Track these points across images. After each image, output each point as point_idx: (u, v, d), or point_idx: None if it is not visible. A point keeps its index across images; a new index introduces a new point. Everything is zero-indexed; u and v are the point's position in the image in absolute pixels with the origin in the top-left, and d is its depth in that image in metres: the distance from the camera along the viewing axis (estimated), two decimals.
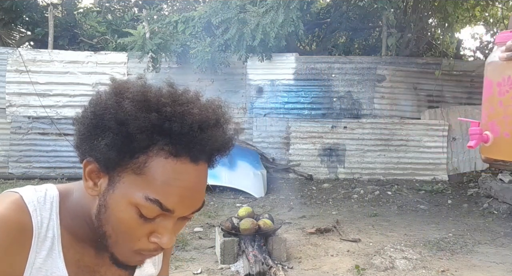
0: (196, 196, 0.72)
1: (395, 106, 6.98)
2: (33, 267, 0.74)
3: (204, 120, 0.70)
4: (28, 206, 0.74)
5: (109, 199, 0.71)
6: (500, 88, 1.00)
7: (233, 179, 5.84)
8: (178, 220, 0.73)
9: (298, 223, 4.65)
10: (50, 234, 0.76)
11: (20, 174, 6.73)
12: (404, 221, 4.82)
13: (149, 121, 0.67)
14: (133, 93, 0.70)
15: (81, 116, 0.73)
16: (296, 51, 7.36)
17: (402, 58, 7.14)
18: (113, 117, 0.68)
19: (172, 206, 0.69)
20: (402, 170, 6.95)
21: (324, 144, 7.02)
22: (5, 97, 6.78)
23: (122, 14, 9.14)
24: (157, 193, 0.68)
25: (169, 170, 0.68)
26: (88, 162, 0.72)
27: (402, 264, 3.44)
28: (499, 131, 1.01)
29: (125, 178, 0.70)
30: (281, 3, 5.56)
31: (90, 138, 0.71)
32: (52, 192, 0.78)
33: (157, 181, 0.68)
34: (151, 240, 0.71)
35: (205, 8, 6.29)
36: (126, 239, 0.72)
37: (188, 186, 0.70)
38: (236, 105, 7.03)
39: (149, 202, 0.68)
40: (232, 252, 3.39)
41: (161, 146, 0.68)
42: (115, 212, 0.71)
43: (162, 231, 0.71)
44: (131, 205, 0.69)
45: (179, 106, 0.70)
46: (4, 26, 8.11)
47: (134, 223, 0.70)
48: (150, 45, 6.23)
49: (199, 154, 0.70)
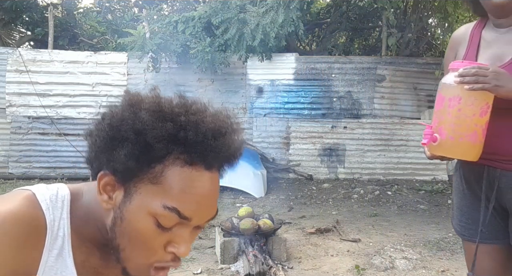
0: (211, 203, 0.73)
1: (395, 106, 6.98)
2: (46, 265, 0.75)
3: (217, 128, 0.73)
4: (41, 204, 0.75)
5: (126, 211, 0.72)
6: (450, 103, 1.38)
7: (233, 179, 5.83)
8: (193, 229, 0.74)
9: (298, 223, 4.65)
10: (61, 233, 0.76)
11: (20, 174, 6.73)
12: (404, 221, 4.83)
13: (165, 130, 0.69)
14: (149, 104, 0.72)
15: (95, 129, 0.74)
16: (296, 51, 7.36)
17: (402, 58, 7.14)
18: (131, 128, 0.69)
19: (189, 214, 0.70)
20: (402, 170, 6.96)
21: (324, 144, 7.02)
22: (5, 97, 6.77)
23: (122, 14, 9.13)
24: (175, 201, 0.69)
25: (185, 178, 0.70)
26: (104, 175, 0.73)
27: (402, 264, 3.44)
28: (446, 135, 1.38)
29: (142, 189, 0.71)
30: (281, 3, 5.56)
31: (107, 150, 0.72)
32: (63, 191, 0.79)
33: (174, 190, 0.70)
34: (168, 250, 0.71)
35: (205, 8, 6.29)
36: (143, 251, 0.71)
37: (204, 193, 0.72)
38: (236, 105, 7.03)
39: (167, 211, 0.69)
40: (232, 252, 3.39)
41: (176, 155, 0.70)
42: (133, 223, 0.71)
43: (179, 240, 0.71)
44: (149, 215, 0.70)
45: (192, 116, 0.72)
46: (4, 26, 8.11)
47: (152, 234, 0.70)
48: (150, 45, 6.23)
49: (213, 162, 0.72)
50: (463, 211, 1.61)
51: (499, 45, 1.50)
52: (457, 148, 1.38)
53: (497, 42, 1.51)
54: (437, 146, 1.39)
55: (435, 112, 1.44)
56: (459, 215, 1.62)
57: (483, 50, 1.54)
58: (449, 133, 1.37)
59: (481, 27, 1.60)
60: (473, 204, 1.57)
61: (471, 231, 1.57)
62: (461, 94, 1.36)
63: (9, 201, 0.72)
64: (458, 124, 1.37)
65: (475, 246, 1.54)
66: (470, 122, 1.36)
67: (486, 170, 1.48)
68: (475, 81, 1.33)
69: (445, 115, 1.39)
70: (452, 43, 1.69)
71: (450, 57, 1.66)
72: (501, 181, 1.46)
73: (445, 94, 1.40)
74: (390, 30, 7.03)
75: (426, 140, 1.39)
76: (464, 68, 1.35)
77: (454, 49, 1.66)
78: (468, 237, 1.59)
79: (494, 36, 1.53)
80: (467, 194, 1.59)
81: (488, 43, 1.54)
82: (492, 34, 1.54)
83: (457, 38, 1.68)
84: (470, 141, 1.37)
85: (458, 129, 1.37)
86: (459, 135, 1.37)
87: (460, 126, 1.37)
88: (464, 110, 1.36)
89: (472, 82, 1.33)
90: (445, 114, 1.39)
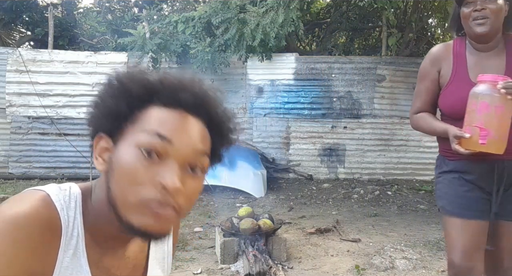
0: (191, 133, 0.77)
1: (395, 106, 6.98)
2: (62, 266, 0.76)
3: (192, 80, 0.82)
4: (56, 204, 0.76)
5: (114, 158, 0.76)
6: (496, 109, 1.69)
7: (233, 179, 5.84)
8: (187, 173, 0.76)
9: (298, 223, 4.65)
10: (75, 233, 0.77)
11: (20, 174, 6.73)
12: (404, 221, 4.83)
13: (146, 80, 0.79)
14: (129, 68, 0.83)
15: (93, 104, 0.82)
16: (296, 51, 7.36)
17: (402, 58, 7.14)
18: (115, 79, 0.79)
19: (168, 133, 0.74)
20: (402, 170, 6.96)
21: (324, 144, 7.02)
22: (5, 97, 6.77)
23: (122, 14, 9.13)
24: (153, 126, 0.75)
25: (162, 113, 0.77)
26: (99, 138, 0.80)
27: (402, 264, 3.44)
28: (493, 135, 1.69)
29: (127, 135, 0.77)
30: (281, 3, 5.56)
31: (100, 111, 0.79)
32: (75, 191, 0.81)
33: (152, 119, 0.76)
34: (156, 181, 0.72)
35: (205, 8, 6.28)
36: (133, 186, 0.72)
37: (181, 122, 0.77)
38: (236, 105, 7.02)
39: (146, 134, 0.74)
40: (232, 252, 3.39)
41: (156, 102, 0.78)
42: (120, 160, 0.74)
43: (166, 171, 0.73)
44: (133, 147, 0.74)
45: (167, 74, 0.83)
46: (4, 26, 8.11)
47: (138, 164, 0.73)
48: (150, 45, 6.24)
49: (193, 109, 0.79)
50: (459, 195, 1.88)
51: (483, 67, 1.83)
52: (500, 145, 1.71)
53: (481, 64, 1.84)
54: (487, 145, 1.69)
55: (478, 116, 1.71)
56: (453, 196, 1.90)
57: (471, 68, 1.85)
58: (495, 134, 1.69)
59: (462, 47, 1.90)
60: (473, 191, 1.86)
61: (463, 210, 1.85)
62: (504, 102, 1.68)
63: (24, 202, 0.73)
64: (501, 126, 1.70)
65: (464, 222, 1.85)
66: (507, 125, 1.71)
67: (497, 164, 1.80)
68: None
69: (491, 119, 1.69)
70: (433, 59, 1.95)
71: (432, 71, 1.94)
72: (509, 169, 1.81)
73: (489, 102, 1.69)
74: (390, 30, 7.03)
75: (484, 140, 1.68)
76: (506, 82, 1.66)
77: (437, 64, 1.93)
78: (459, 215, 1.86)
79: (477, 58, 1.86)
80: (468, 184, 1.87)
81: (474, 63, 1.86)
82: (475, 56, 1.87)
83: (438, 54, 1.95)
84: (506, 139, 1.71)
85: (501, 130, 1.70)
86: (501, 134, 1.70)
87: (502, 127, 1.70)
88: (506, 115, 1.70)
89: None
90: (491, 118, 1.69)
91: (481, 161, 1.81)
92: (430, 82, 1.94)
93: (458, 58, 1.88)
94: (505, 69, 1.81)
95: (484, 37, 1.81)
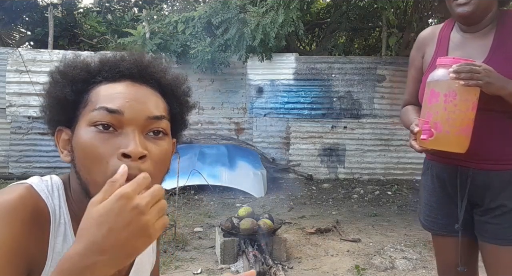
0: (141, 101, 0.77)
1: (395, 106, 6.96)
2: (54, 251, 0.77)
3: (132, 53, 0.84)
4: (40, 193, 0.77)
5: (73, 143, 0.78)
6: (446, 98, 1.41)
7: (233, 179, 5.84)
8: (146, 136, 0.76)
9: (298, 223, 4.65)
10: (62, 220, 0.79)
11: (20, 174, 6.73)
12: (404, 221, 4.83)
13: (85, 64, 0.81)
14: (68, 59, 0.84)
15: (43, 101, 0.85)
16: (296, 51, 7.36)
17: (402, 58, 7.12)
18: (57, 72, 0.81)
19: (117, 106, 0.74)
20: (402, 170, 6.96)
21: (324, 144, 7.02)
22: (5, 97, 6.78)
23: (122, 14, 9.14)
24: (101, 102, 0.76)
25: (109, 88, 0.78)
26: (59, 131, 0.82)
27: (402, 264, 3.44)
28: (442, 129, 1.40)
29: (80, 118, 0.78)
30: (281, 3, 5.55)
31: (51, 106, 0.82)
32: (56, 180, 0.83)
33: (100, 97, 0.77)
34: (119, 152, 0.72)
35: (205, 8, 6.28)
36: (97, 164, 0.73)
37: (129, 92, 0.77)
38: (236, 105, 7.03)
39: (96, 111, 0.75)
40: (232, 252, 3.39)
41: (99, 80, 0.79)
42: (78, 142, 0.75)
43: (125, 141, 0.73)
44: (88, 126, 0.75)
45: (106, 53, 0.85)
46: (4, 26, 8.11)
47: (96, 141, 0.73)
48: (150, 45, 6.23)
49: (139, 77, 0.80)
50: (432, 207, 1.69)
51: (468, 49, 1.56)
52: (453, 141, 1.42)
53: (465, 46, 1.57)
54: (434, 141, 1.42)
55: (429, 107, 1.45)
56: (427, 211, 1.71)
57: (452, 52, 1.59)
58: (445, 127, 1.40)
59: (449, 29, 1.65)
60: (443, 200, 1.65)
61: (439, 225, 1.67)
62: (456, 89, 1.39)
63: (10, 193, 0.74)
64: (454, 119, 1.40)
65: (443, 239, 1.66)
66: (464, 117, 1.41)
67: (459, 170, 1.55)
68: (470, 77, 1.37)
69: (440, 110, 1.41)
70: (419, 44, 1.73)
71: (417, 57, 1.72)
72: (477, 179, 1.53)
73: (439, 89, 1.42)
74: (390, 30, 7.03)
75: (425, 135, 1.41)
76: (459, 65, 1.39)
77: (421, 49, 1.71)
78: (436, 231, 1.69)
79: (462, 39, 1.59)
80: (437, 191, 1.66)
81: (457, 45, 1.60)
82: (460, 37, 1.60)
83: (424, 39, 1.72)
84: (464, 134, 1.42)
85: (454, 123, 1.40)
86: (455, 129, 1.41)
87: (456, 120, 1.40)
88: (459, 106, 1.40)
89: (467, 78, 1.37)
90: (440, 109, 1.41)
91: (446, 163, 1.58)
92: (415, 70, 1.73)
93: (441, 42, 1.63)
94: (488, 51, 1.51)
95: (467, 19, 1.52)
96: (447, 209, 1.63)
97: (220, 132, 7.03)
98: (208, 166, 5.85)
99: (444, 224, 1.65)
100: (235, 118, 7.06)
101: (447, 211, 1.64)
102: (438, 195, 1.66)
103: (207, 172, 5.65)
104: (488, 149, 1.49)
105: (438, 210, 1.67)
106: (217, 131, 7.03)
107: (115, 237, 0.60)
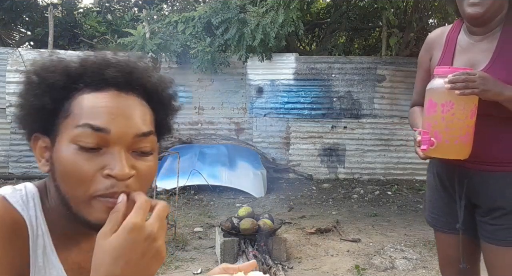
0: (128, 116, 0.73)
1: (395, 106, 6.97)
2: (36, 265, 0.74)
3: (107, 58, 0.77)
4: (14, 205, 0.74)
5: (55, 155, 0.73)
6: (443, 108, 1.44)
7: (233, 179, 5.84)
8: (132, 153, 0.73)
9: (298, 223, 4.65)
10: (40, 232, 0.76)
11: (20, 174, 6.73)
12: (404, 221, 4.83)
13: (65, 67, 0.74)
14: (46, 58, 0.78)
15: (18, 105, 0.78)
16: (296, 51, 7.36)
17: (402, 58, 7.13)
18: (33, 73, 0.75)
19: (103, 124, 0.70)
20: (402, 170, 6.95)
21: (324, 144, 7.02)
22: (5, 97, 6.78)
23: (122, 14, 9.14)
24: (84, 119, 0.70)
25: (91, 100, 0.72)
26: (36, 138, 0.77)
27: (402, 264, 3.44)
28: (441, 138, 1.45)
29: (61, 130, 0.72)
30: (281, 3, 5.55)
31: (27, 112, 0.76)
32: (30, 189, 0.78)
33: (84, 110, 0.71)
34: (104, 173, 0.69)
35: (205, 8, 6.28)
36: (81, 183, 0.69)
37: (115, 106, 0.72)
38: (236, 105, 7.03)
39: (80, 129, 0.70)
40: (232, 252, 3.39)
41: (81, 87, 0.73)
42: (61, 159, 0.71)
43: (112, 161, 0.70)
44: (70, 143, 0.70)
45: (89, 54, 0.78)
46: (4, 26, 8.11)
47: (80, 160, 0.69)
48: (150, 45, 6.23)
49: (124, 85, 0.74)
50: (434, 205, 1.73)
51: (473, 53, 1.57)
52: (453, 149, 1.47)
53: (471, 50, 1.58)
54: (434, 150, 1.46)
55: (427, 117, 1.50)
56: (431, 208, 1.75)
57: (458, 55, 1.60)
58: (444, 136, 1.45)
59: (457, 31, 1.64)
60: (443, 198, 1.69)
61: (441, 222, 1.71)
62: (453, 99, 1.43)
63: None
64: (452, 128, 1.44)
65: (444, 236, 1.70)
66: (462, 125, 1.44)
67: (458, 170, 1.58)
68: (465, 87, 1.40)
69: (438, 120, 1.46)
70: (427, 46, 1.75)
71: (425, 59, 1.75)
72: (475, 180, 1.56)
73: (436, 100, 1.47)
74: (390, 30, 7.03)
75: (425, 146, 1.45)
76: (454, 75, 1.42)
77: (429, 51, 1.73)
78: (438, 227, 1.73)
79: (469, 42, 1.59)
80: (439, 189, 1.70)
81: (463, 49, 1.60)
82: (467, 40, 1.60)
83: (432, 40, 1.73)
84: (464, 142, 1.46)
85: (453, 132, 1.44)
86: (454, 138, 1.45)
87: (454, 129, 1.44)
88: (457, 114, 1.44)
89: (462, 88, 1.40)
90: (438, 119, 1.46)
91: (445, 162, 1.60)
92: (423, 71, 1.74)
93: (449, 44, 1.63)
94: (492, 55, 1.51)
95: (477, 20, 1.49)
96: (449, 208, 1.67)
97: (220, 132, 7.03)
98: (208, 166, 5.85)
99: (446, 222, 1.68)
100: (235, 118, 7.06)
101: (448, 209, 1.67)
102: (440, 193, 1.70)
103: (207, 172, 5.65)
104: (486, 152, 1.51)
105: (440, 207, 1.71)
106: (217, 131, 7.03)
107: (133, 268, 0.62)
